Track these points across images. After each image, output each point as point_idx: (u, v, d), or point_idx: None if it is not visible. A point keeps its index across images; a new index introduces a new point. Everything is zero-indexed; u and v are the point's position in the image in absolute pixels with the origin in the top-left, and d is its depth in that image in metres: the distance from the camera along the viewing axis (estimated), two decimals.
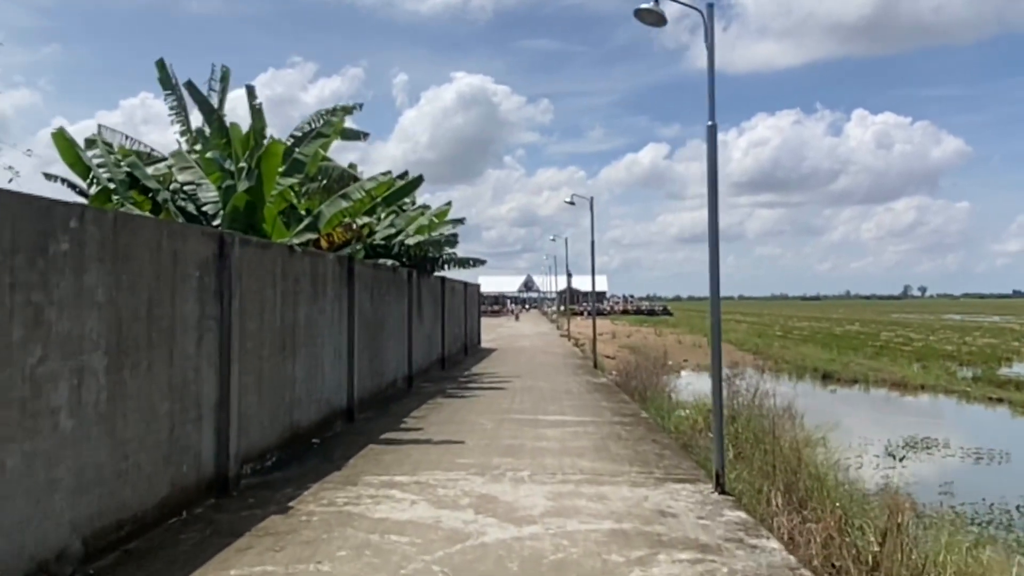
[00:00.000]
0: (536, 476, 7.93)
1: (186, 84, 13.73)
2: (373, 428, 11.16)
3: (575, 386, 16.97)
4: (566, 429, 10.88)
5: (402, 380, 16.03)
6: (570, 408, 13.13)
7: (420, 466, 8.44)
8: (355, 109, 15.38)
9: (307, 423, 9.99)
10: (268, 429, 8.72)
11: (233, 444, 7.55)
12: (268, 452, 8.72)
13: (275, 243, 8.98)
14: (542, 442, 9.88)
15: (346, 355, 11.77)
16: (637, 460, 8.81)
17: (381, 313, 14.17)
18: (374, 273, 13.63)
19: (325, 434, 10.62)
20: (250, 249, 8.18)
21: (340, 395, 11.49)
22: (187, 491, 6.81)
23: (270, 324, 8.77)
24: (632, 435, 10.52)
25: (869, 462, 13.65)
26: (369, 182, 11.62)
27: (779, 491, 8.33)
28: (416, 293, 17.38)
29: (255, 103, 14.57)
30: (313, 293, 10.31)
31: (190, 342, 6.88)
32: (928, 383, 25.57)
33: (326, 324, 10.84)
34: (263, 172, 10.51)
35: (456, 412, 12.73)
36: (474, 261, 19.90)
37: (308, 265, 10.09)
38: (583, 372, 20.70)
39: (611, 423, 11.52)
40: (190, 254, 6.91)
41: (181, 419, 6.72)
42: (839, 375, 28.09)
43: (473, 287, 30.43)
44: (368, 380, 13.16)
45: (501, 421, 11.64)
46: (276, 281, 8.99)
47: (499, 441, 9.95)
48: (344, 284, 11.74)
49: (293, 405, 9.52)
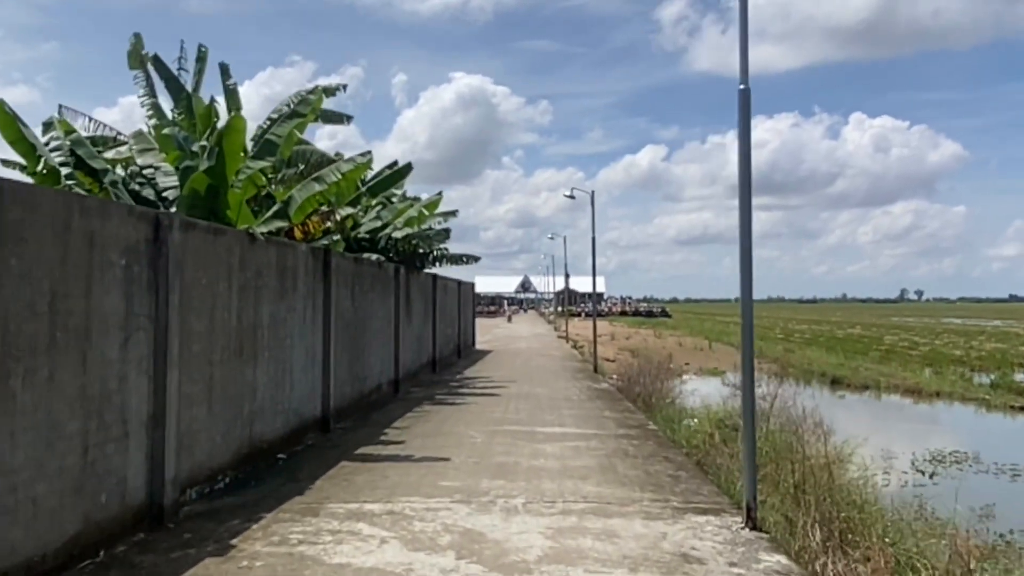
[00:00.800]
0: (532, 505, 6.71)
1: (152, 59, 12.52)
2: (349, 441, 9.93)
3: (575, 392, 15.75)
4: (566, 444, 9.65)
5: (387, 385, 14.79)
6: (570, 418, 11.91)
7: (396, 490, 7.21)
8: (338, 90, 14.16)
9: (271, 436, 8.76)
10: (220, 446, 7.49)
11: (170, 466, 6.32)
12: (220, 472, 7.49)
13: (230, 229, 7.77)
14: (539, 460, 8.66)
15: (321, 358, 10.54)
16: (649, 484, 7.59)
17: (364, 312, 12.94)
18: (355, 268, 12.40)
19: (294, 448, 9.39)
20: (196, 234, 6.95)
21: (313, 403, 10.26)
22: (107, 526, 5.58)
23: (224, 323, 7.54)
24: (641, 451, 9.30)
25: (897, 479, 12.44)
26: (346, 164, 10.40)
27: (815, 522, 7.13)
28: (404, 291, 16.15)
29: (229, 83, 13.39)
30: (280, 288, 9.08)
31: (112, 344, 5.65)
32: (943, 390, 24.38)
33: (296, 324, 9.61)
34: (225, 151, 9.28)
35: (444, 422, 11.50)
36: (467, 257, 18.68)
37: (274, 256, 8.86)
38: (583, 376, 19.48)
39: (616, 436, 10.30)
40: (112, 237, 5.68)
41: (99, 439, 5.49)
42: (848, 380, 26.88)
43: (467, 285, 29.21)
44: (347, 386, 11.93)
45: (493, 433, 10.41)
46: (232, 273, 7.76)
47: (490, 458, 8.73)
48: (319, 279, 10.51)
49: (254, 416, 8.29)
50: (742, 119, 6.26)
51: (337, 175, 10.26)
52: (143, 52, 12.42)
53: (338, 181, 10.27)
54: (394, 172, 15.28)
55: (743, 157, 6.27)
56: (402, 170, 15.28)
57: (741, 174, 6.31)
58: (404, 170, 15.27)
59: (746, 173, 6.29)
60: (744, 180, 6.26)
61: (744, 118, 6.26)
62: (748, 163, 6.27)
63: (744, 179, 6.26)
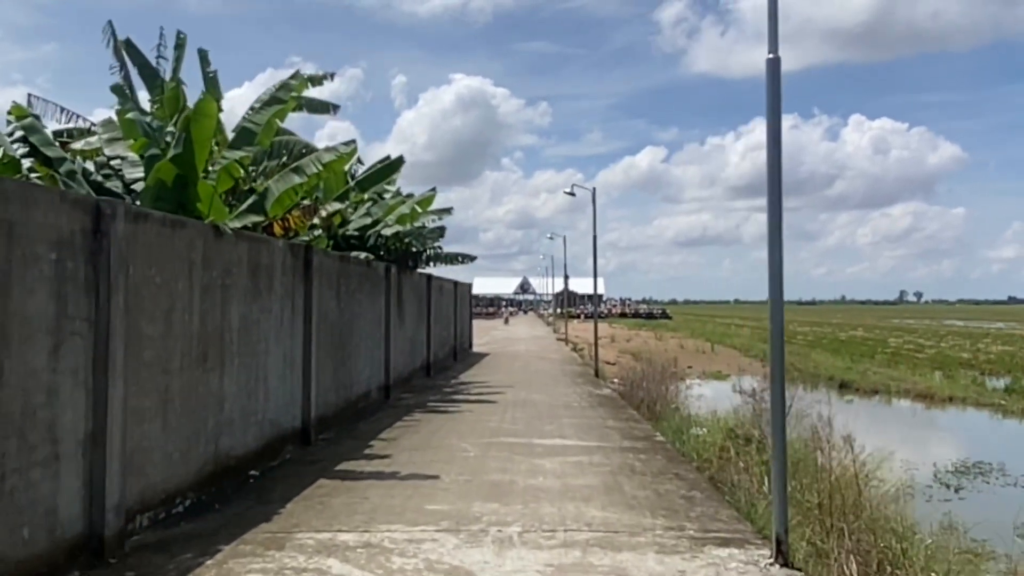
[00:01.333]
0: (529, 534, 5.88)
1: (123, 42, 11.70)
2: (331, 455, 9.10)
3: (575, 398, 14.92)
4: (567, 458, 8.83)
5: (377, 391, 13.96)
6: (571, 428, 11.08)
7: (376, 516, 6.38)
8: (325, 79, 13.36)
9: (242, 451, 7.93)
10: (179, 464, 6.66)
11: (114, 491, 5.49)
12: (179, 495, 6.66)
13: (191, 221, 6.95)
14: (537, 478, 7.83)
15: (301, 364, 9.71)
16: (661, 507, 6.76)
17: (351, 313, 12.11)
18: (341, 266, 11.58)
19: (269, 463, 8.56)
20: (148, 226, 6.12)
21: (292, 413, 9.43)
22: (31, 566, 4.75)
23: (184, 327, 6.71)
24: (649, 467, 8.47)
25: (921, 492, 11.61)
26: (327, 153, 9.57)
27: (850, 552, 6.32)
28: (396, 291, 15.33)
29: (208, 71, 12.56)
30: (253, 288, 8.26)
31: (38, 352, 4.83)
32: (956, 395, 23.57)
33: (272, 327, 8.78)
34: (193, 137, 8.45)
35: (435, 432, 10.67)
36: (463, 257, 17.86)
37: (245, 252, 8.04)
38: (583, 381, 18.65)
39: (622, 449, 9.48)
40: (39, 228, 4.85)
41: (20, 463, 4.67)
42: (857, 385, 26.07)
43: (464, 286, 28.39)
44: (332, 393, 11.10)
45: (488, 446, 9.58)
46: (194, 271, 6.93)
47: (483, 476, 7.90)
48: (300, 278, 9.69)
49: (220, 430, 7.46)
50: (771, 92, 5.44)
51: (318, 165, 9.42)
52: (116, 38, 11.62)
53: (319, 172, 9.44)
54: (385, 166, 14.46)
55: (772, 135, 5.45)
56: (393, 164, 14.46)
57: (770, 157, 5.49)
58: (396, 164, 14.44)
59: (776, 156, 5.47)
60: (774, 163, 5.44)
61: (773, 91, 5.44)
62: (778, 142, 5.46)
63: (774, 162, 5.44)
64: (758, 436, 11.08)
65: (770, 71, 5.46)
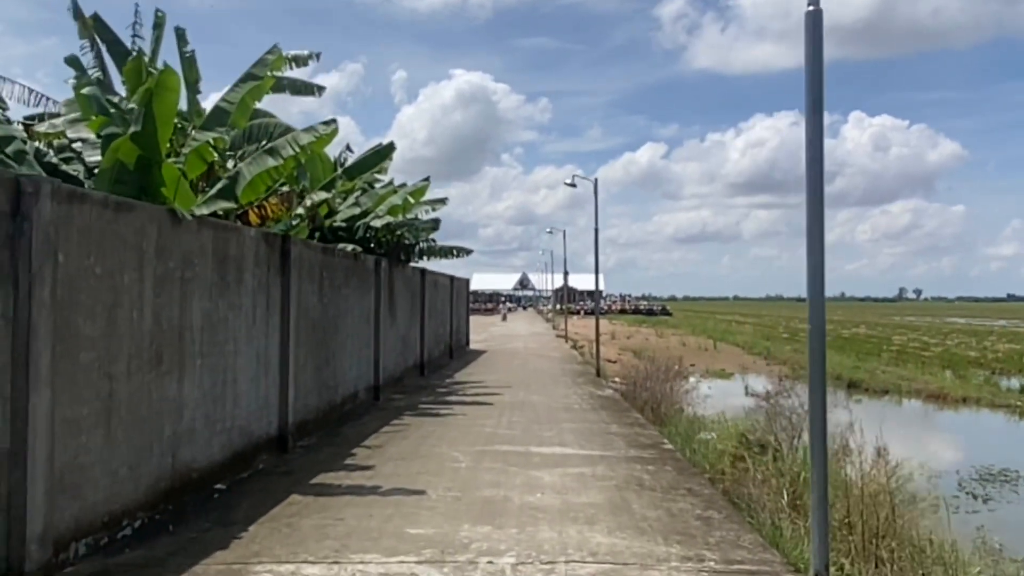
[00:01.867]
0: (525, 566, 5.07)
1: (92, 17, 10.88)
2: (308, 465, 8.28)
3: (576, 400, 14.11)
4: (568, 470, 8.01)
5: (366, 392, 13.14)
6: (572, 434, 10.27)
7: (350, 542, 5.57)
8: (310, 59, 12.56)
9: (205, 463, 7.11)
10: (126, 481, 5.84)
11: (37, 517, 4.68)
12: (126, 516, 5.84)
13: (142, 204, 6.11)
14: (535, 494, 7.01)
15: (277, 365, 8.90)
16: (675, 531, 5.95)
17: (336, 309, 11.29)
18: (325, 259, 10.74)
19: (239, 475, 7.75)
20: (84, 208, 5.29)
21: (267, 419, 8.61)
22: None
23: (132, 325, 5.89)
24: (658, 480, 7.66)
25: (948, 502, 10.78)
26: (305, 134, 8.71)
27: None
28: (386, 286, 14.50)
29: (186, 50, 11.74)
30: (220, 281, 7.43)
31: None
32: (970, 395, 22.77)
33: (243, 324, 7.96)
34: (156, 113, 7.61)
35: (425, 439, 9.86)
36: (458, 250, 17.04)
37: (210, 241, 7.21)
38: (584, 381, 17.84)
39: (627, 459, 8.66)
40: None
41: None
42: (867, 384, 25.27)
43: (461, 281, 27.56)
44: (314, 396, 10.29)
45: (481, 455, 8.77)
46: (146, 261, 6.11)
47: (474, 491, 7.09)
48: (276, 270, 8.86)
49: (179, 440, 6.64)
50: (811, 52, 4.61)
51: (294, 146, 8.57)
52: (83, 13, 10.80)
53: (296, 154, 8.60)
54: (374, 152, 13.62)
55: (812, 101, 4.63)
56: (384, 150, 13.62)
57: (809, 126, 4.67)
58: (386, 150, 13.60)
59: (817, 125, 4.65)
60: (816, 132, 4.62)
61: (815, 51, 4.62)
62: (819, 106, 4.63)
63: (816, 131, 4.62)
64: (774, 443, 10.28)
65: (810, 27, 4.64)
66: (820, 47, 4.59)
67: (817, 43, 4.58)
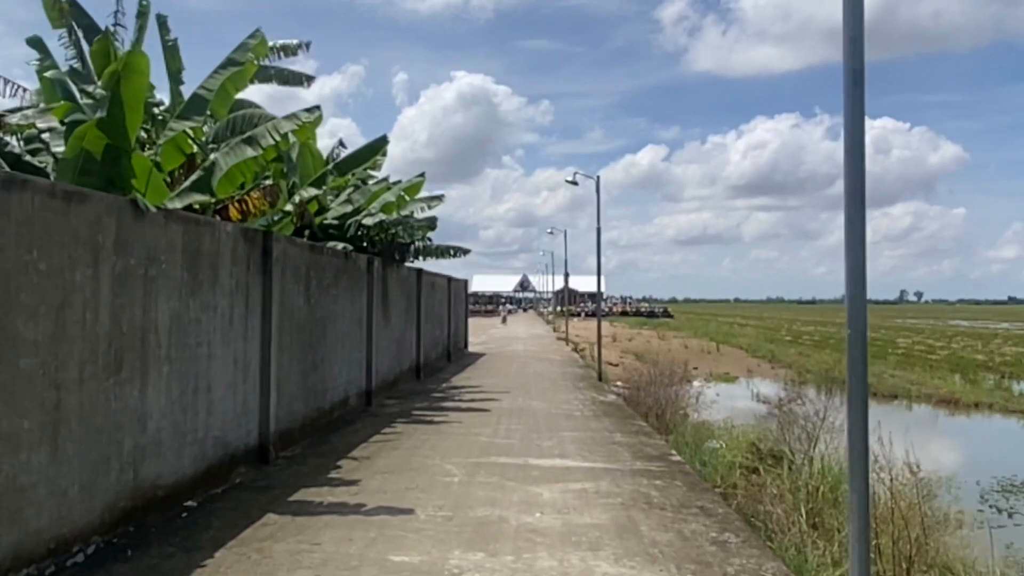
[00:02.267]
0: None
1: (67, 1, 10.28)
2: (288, 479, 7.68)
3: (577, 406, 13.50)
4: (569, 485, 7.41)
5: (357, 397, 12.54)
6: (573, 444, 9.66)
7: (325, 572, 4.97)
8: (299, 49, 11.97)
9: (173, 478, 6.51)
10: (78, 502, 5.24)
11: None
12: (79, 540, 5.25)
13: (98, 194, 5.52)
14: (534, 513, 6.40)
15: (257, 370, 8.30)
16: (690, 559, 5.34)
17: (324, 311, 10.69)
18: (312, 257, 10.15)
19: (212, 490, 7.14)
20: (23, 197, 4.70)
21: (246, 428, 8.01)
22: None
23: (85, 328, 5.29)
24: (668, 497, 7.05)
25: (971, 517, 10.18)
26: (287, 122, 8.10)
27: None
28: (380, 287, 13.91)
29: (168, 39, 11.17)
30: (192, 280, 6.83)
31: None
32: (982, 400, 22.16)
33: (218, 326, 7.36)
34: (123, 98, 7.03)
35: (417, 448, 9.26)
36: (455, 250, 16.42)
37: (179, 236, 6.61)
38: (586, 386, 17.22)
39: (633, 473, 8.05)
40: None
41: None
42: (875, 389, 24.63)
43: (459, 282, 26.95)
44: (299, 402, 9.69)
45: (476, 468, 8.17)
46: (102, 257, 5.51)
47: (467, 509, 6.48)
48: (256, 269, 8.27)
49: (142, 454, 6.04)
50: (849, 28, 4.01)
51: (275, 135, 7.97)
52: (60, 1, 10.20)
53: (277, 143, 8.00)
54: (367, 146, 13.02)
55: (851, 76, 4.03)
56: (376, 145, 13.02)
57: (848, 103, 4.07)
58: (379, 144, 13.01)
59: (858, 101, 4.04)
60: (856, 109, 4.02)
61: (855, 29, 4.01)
62: (860, 81, 4.03)
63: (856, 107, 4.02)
64: (788, 454, 9.68)
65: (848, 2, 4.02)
66: (860, 22, 3.98)
67: (856, 23, 3.97)
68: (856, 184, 4.07)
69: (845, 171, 4.13)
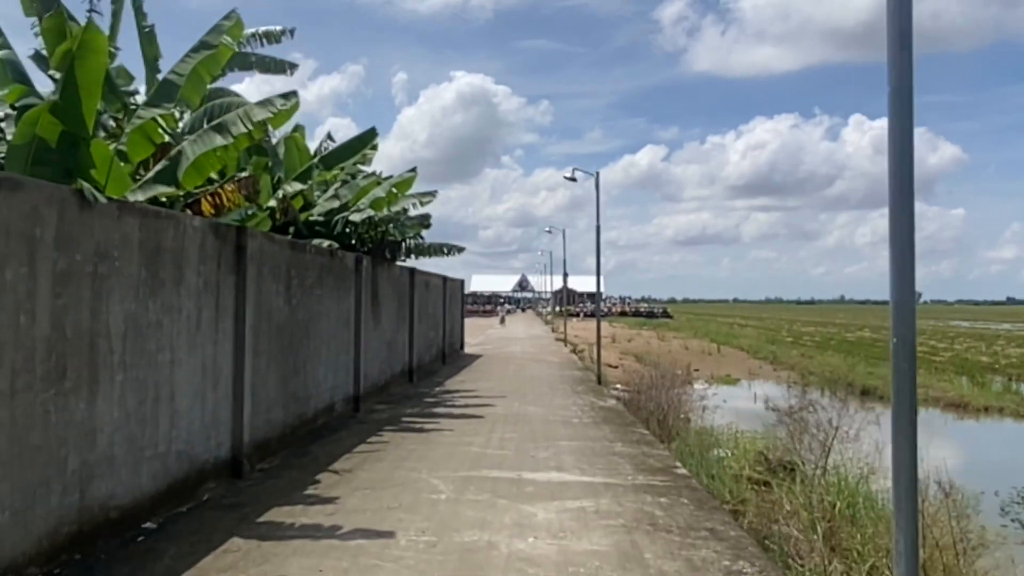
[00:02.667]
0: None
1: None
2: (261, 495, 7.07)
3: (575, 412, 12.89)
4: (566, 504, 6.79)
5: (344, 403, 11.93)
6: (571, 455, 9.05)
7: None
8: (283, 35, 11.37)
9: (129, 498, 5.90)
10: (10, 529, 4.63)
11: None
12: (12, 571, 4.63)
13: (32, 181, 4.90)
14: (526, 538, 5.79)
15: (230, 376, 7.68)
16: None
17: (307, 312, 10.08)
18: (293, 255, 9.53)
19: (177, 508, 6.53)
20: None
21: (215, 439, 7.40)
22: None
23: (19, 332, 4.68)
24: (674, 517, 6.44)
25: (994, 533, 9.57)
26: (260, 108, 7.47)
27: None
28: (369, 287, 13.29)
29: (144, 25, 10.58)
30: (151, 279, 6.22)
31: None
32: (991, 404, 21.57)
33: (183, 329, 6.74)
34: (78, 80, 6.42)
35: (403, 460, 8.65)
36: (449, 248, 15.82)
37: (136, 230, 6.00)
38: (584, 390, 16.61)
39: (636, 489, 7.44)
40: None
41: None
42: (881, 392, 24.01)
43: (455, 282, 26.32)
44: (279, 410, 9.07)
45: (466, 482, 7.55)
46: (40, 253, 4.90)
47: (453, 534, 5.87)
48: (228, 267, 7.65)
49: (91, 472, 5.43)
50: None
51: (247, 123, 7.35)
52: None
53: (250, 131, 7.38)
54: (355, 139, 12.41)
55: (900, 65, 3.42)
56: (365, 137, 12.40)
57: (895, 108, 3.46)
58: (367, 137, 12.39)
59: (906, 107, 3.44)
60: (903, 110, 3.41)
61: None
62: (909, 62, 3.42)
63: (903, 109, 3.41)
64: (801, 465, 9.08)
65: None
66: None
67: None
68: (903, 173, 3.47)
69: (890, 158, 3.54)
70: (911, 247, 3.47)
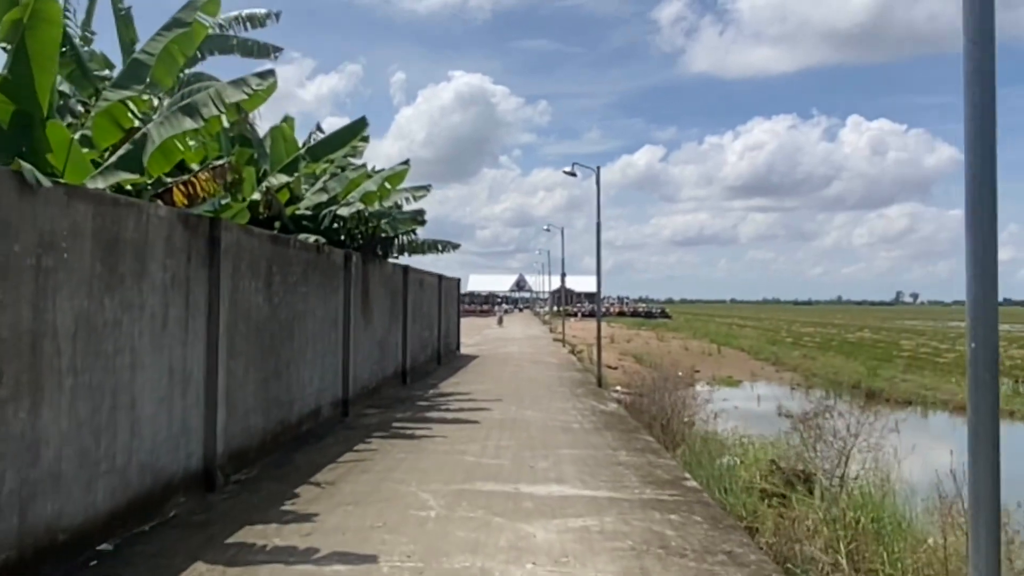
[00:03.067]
0: None
1: None
2: (234, 511, 6.45)
3: (575, 416, 12.29)
4: (568, 522, 6.18)
5: (332, 407, 11.31)
6: (572, 465, 8.44)
7: None
8: (268, 19, 10.76)
9: (80, 518, 5.27)
10: None
11: None
12: None
13: None
14: (524, 564, 5.18)
15: (202, 379, 7.06)
16: None
17: (291, 311, 9.46)
18: (275, 250, 8.92)
19: (140, 527, 5.92)
20: None
21: (185, 449, 6.78)
22: None
23: None
24: (688, 538, 5.84)
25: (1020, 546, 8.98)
26: (233, 88, 6.86)
27: None
28: (359, 284, 12.67)
29: (121, 7, 9.99)
30: (107, 273, 5.60)
31: None
32: (1002, 407, 20.95)
33: (147, 329, 6.12)
34: (30, 54, 5.81)
35: (391, 471, 8.03)
36: (444, 244, 15.22)
37: (89, 219, 5.37)
38: (584, 392, 16.00)
39: (643, 504, 6.83)
40: None
41: None
42: (887, 394, 23.47)
43: (451, 281, 25.71)
44: (258, 415, 8.46)
45: (458, 496, 6.94)
46: None
47: (442, 559, 5.25)
48: (200, 261, 7.03)
49: (33, 491, 4.80)
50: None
51: (219, 105, 6.74)
52: None
53: (222, 114, 6.78)
54: (344, 128, 11.79)
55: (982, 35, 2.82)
56: (355, 127, 11.78)
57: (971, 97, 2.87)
58: (357, 127, 11.77)
59: (988, 95, 2.86)
60: (984, 74, 2.81)
61: None
62: (992, 36, 2.83)
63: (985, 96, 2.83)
64: (821, 478, 8.47)
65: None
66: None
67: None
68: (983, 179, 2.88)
69: (968, 161, 2.97)
70: (993, 242, 2.88)
